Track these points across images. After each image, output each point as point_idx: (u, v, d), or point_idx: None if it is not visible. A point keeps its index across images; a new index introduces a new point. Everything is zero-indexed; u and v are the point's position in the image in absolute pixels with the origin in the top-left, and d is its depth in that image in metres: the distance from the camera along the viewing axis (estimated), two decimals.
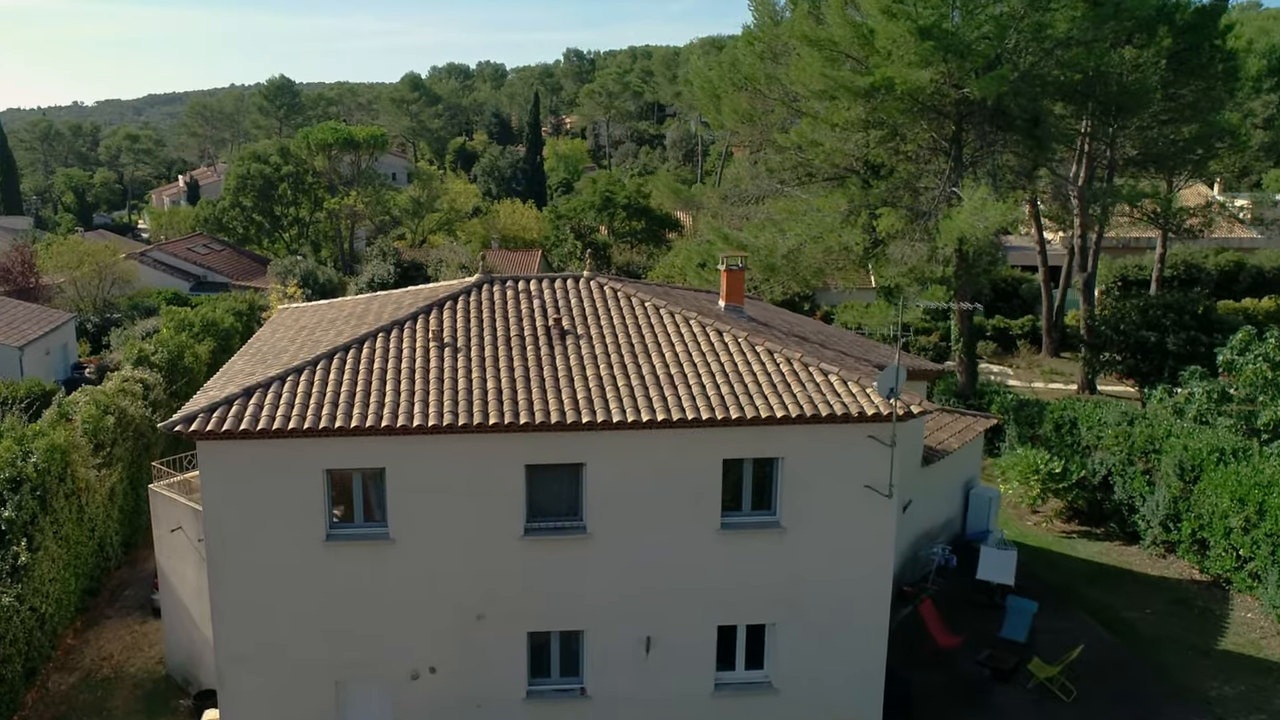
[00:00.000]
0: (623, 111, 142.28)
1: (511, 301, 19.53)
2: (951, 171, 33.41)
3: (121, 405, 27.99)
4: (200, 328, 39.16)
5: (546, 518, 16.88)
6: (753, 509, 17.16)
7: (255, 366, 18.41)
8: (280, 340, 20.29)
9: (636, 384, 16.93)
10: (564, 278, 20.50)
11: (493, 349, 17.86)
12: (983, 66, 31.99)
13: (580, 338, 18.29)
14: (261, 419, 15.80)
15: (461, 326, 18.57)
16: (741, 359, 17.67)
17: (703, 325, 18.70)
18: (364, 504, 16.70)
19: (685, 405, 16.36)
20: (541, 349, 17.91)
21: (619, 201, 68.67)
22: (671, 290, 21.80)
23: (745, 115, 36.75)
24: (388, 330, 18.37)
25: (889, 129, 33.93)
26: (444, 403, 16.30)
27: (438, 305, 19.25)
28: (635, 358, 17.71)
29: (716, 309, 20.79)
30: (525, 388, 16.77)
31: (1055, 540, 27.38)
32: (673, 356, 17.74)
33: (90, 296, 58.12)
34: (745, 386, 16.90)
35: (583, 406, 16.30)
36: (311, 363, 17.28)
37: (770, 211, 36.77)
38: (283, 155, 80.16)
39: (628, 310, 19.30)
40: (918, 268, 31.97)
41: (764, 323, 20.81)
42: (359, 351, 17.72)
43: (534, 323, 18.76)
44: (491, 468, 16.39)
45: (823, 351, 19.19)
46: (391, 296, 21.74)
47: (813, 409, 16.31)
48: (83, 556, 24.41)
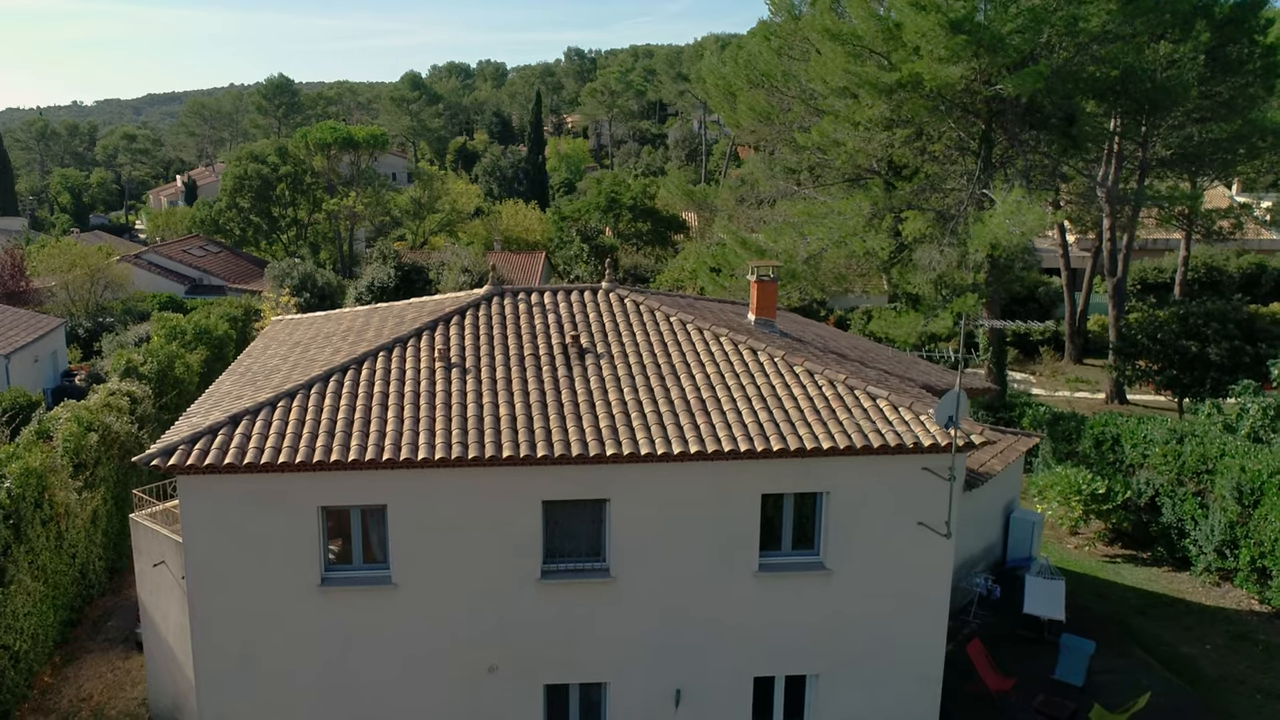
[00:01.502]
0: (625, 110, 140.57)
1: (524, 316, 17.88)
2: (981, 172, 31.77)
3: (106, 422, 26.34)
4: (192, 336, 37.51)
5: (566, 559, 15.24)
6: (794, 548, 15.52)
7: (244, 388, 16.77)
8: (272, 358, 18.65)
9: (665, 410, 15.28)
10: (580, 289, 18.85)
11: (505, 370, 16.21)
12: (1015, 62, 30.36)
13: (601, 357, 16.64)
14: (249, 451, 14.15)
15: (470, 344, 16.92)
16: (780, 382, 16.02)
17: (735, 343, 17.05)
18: (363, 544, 15.06)
19: (721, 435, 14.72)
20: (559, 370, 16.26)
21: (624, 202, 67.01)
22: (696, 303, 20.17)
23: (762, 113, 35.09)
24: (389, 349, 16.73)
25: (914, 128, 32.32)
26: (452, 432, 14.65)
27: (443, 320, 17.60)
28: (663, 380, 16.06)
29: (746, 323, 19.15)
30: (542, 414, 15.12)
31: (1099, 565, 25.73)
32: (704, 379, 16.09)
33: (82, 300, 56.52)
34: (786, 413, 15.25)
35: (606, 437, 14.66)
36: (305, 386, 15.64)
37: (787, 214, 35.12)
38: (281, 155, 78.50)
39: (651, 326, 17.66)
40: (947, 274, 30.30)
41: (797, 338, 19.17)
42: (357, 373, 16.08)
43: (549, 340, 17.12)
44: (505, 504, 14.75)
45: (865, 371, 17.55)
46: (393, 309, 20.10)
47: (863, 439, 14.67)
48: (62, 586, 22.77)
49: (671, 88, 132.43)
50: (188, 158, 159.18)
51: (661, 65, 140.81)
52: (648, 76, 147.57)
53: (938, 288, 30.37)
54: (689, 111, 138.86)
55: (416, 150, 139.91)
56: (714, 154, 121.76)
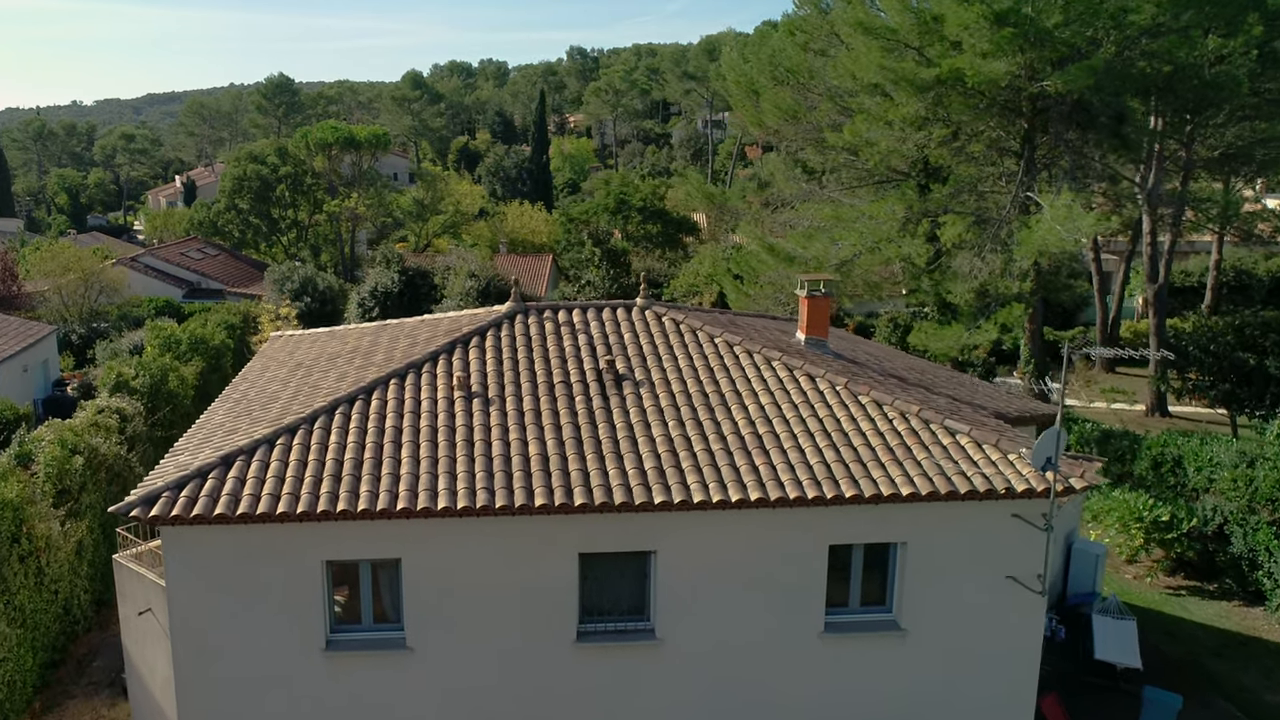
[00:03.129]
0: (630, 110, 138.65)
1: (551, 337, 16.02)
2: (1024, 174, 29.91)
3: (92, 444, 24.46)
4: (188, 346, 35.64)
5: (605, 619, 13.38)
6: (863, 605, 13.66)
7: (238, 420, 14.91)
8: (270, 382, 16.80)
9: (718, 448, 13.42)
10: (612, 307, 16.99)
11: (533, 401, 14.34)
12: (1060, 58, 28.51)
13: (640, 385, 14.78)
14: (243, 499, 12.29)
15: (492, 370, 15.06)
16: (845, 415, 14.15)
17: (789, 368, 15.19)
18: (374, 603, 13.20)
19: (784, 479, 12.85)
20: (593, 400, 14.40)
21: (634, 204, 65.08)
22: (737, 319, 18.30)
23: (788, 111, 33.22)
24: (401, 375, 14.87)
25: (951, 127, 30.45)
26: (475, 475, 12.79)
27: (461, 342, 15.74)
28: (712, 412, 14.20)
29: (795, 343, 17.29)
30: (577, 453, 13.26)
31: (1162, 599, 23.86)
32: (758, 411, 14.23)
33: (76, 305, 54.66)
34: (856, 452, 13.39)
35: (652, 480, 12.80)
36: (307, 420, 13.77)
37: (815, 218, 33.25)
38: (281, 155, 76.58)
39: (694, 348, 15.80)
40: (989, 283, 28.44)
41: (851, 359, 17.31)
42: (366, 404, 14.21)
43: (581, 365, 15.26)
44: (536, 557, 12.90)
45: (932, 399, 15.69)
46: (404, 327, 18.23)
47: (947, 484, 12.80)
48: (43, 626, 20.90)
49: (677, 86, 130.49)
50: (187, 158, 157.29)
51: (667, 64, 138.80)
52: (651, 75, 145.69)
53: (980, 297, 28.51)
54: (693, 111, 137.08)
55: (418, 150, 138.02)
56: (719, 154, 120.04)
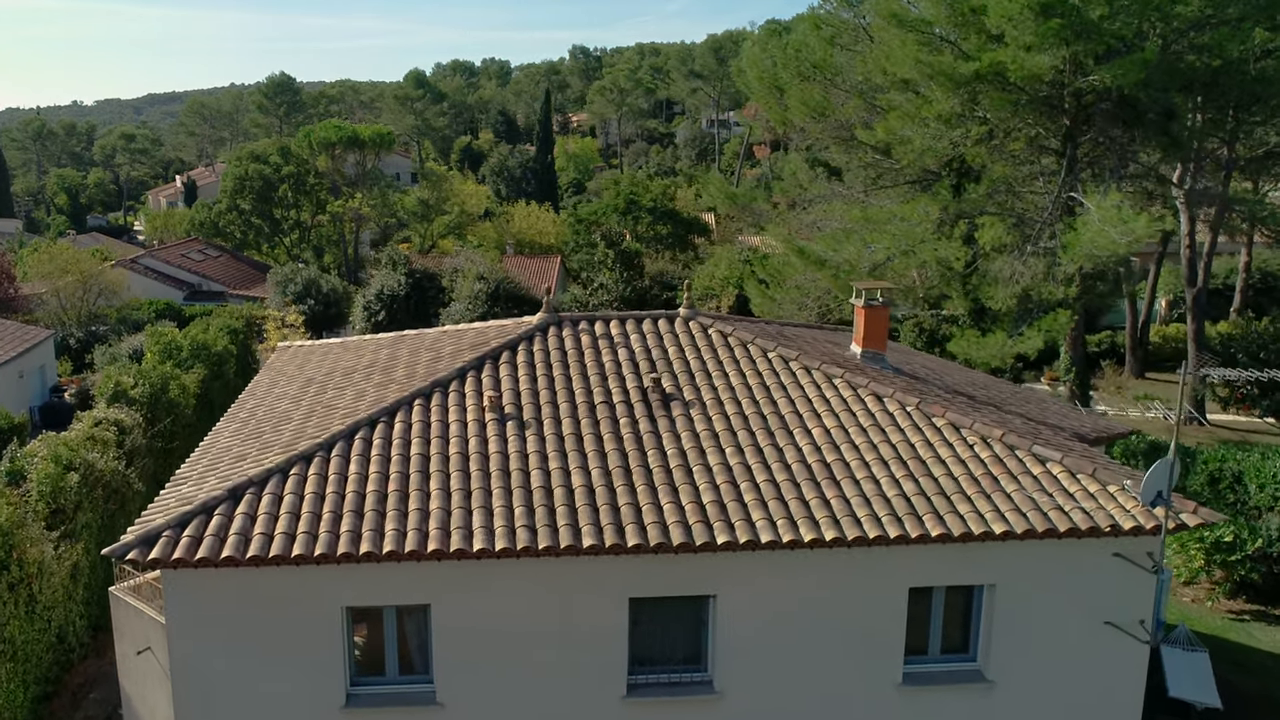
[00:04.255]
0: (635, 109, 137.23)
1: (589, 351, 14.62)
2: (1066, 174, 28.50)
3: (88, 459, 23.06)
4: (189, 353, 34.21)
5: (658, 669, 11.97)
6: (944, 653, 12.26)
7: (246, 444, 13.51)
8: (280, 400, 15.40)
9: (783, 479, 12.02)
10: (653, 318, 15.59)
11: (573, 424, 12.94)
12: (1106, 51, 27.12)
13: (690, 405, 13.38)
14: (254, 538, 10.90)
15: (527, 389, 13.66)
16: (920, 440, 12.75)
17: (853, 387, 13.79)
18: (399, 652, 11.80)
19: (860, 514, 11.45)
20: (639, 423, 13.00)
21: (644, 204, 63.74)
22: (784, 330, 16.90)
23: (816, 108, 31.81)
24: (426, 395, 13.47)
25: (989, 125, 29.06)
26: (514, 510, 11.39)
27: (490, 357, 14.34)
28: (772, 437, 12.80)
29: (850, 356, 15.90)
30: (626, 484, 11.86)
31: (1226, 625, 22.45)
32: (823, 436, 12.83)
33: (74, 308, 53.28)
34: (937, 483, 11.99)
35: (713, 516, 11.40)
36: (324, 446, 12.37)
37: (844, 219, 31.84)
38: (283, 155, 75.20)
39: (746, 363, 14.40)
40: (1032, 288, 27.04)
41: (911, 374, 15.92)
42: (389, 428, 12.81)
43: (623, 383, 13.86)
44: (582, 602, 11.51)
45: (1006, 419, 14.29)
46: (424, 339, 16.83)
47: (1043, 521, 11.40)
48: (35, 657, 19.49)
49: (684, 85, 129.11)
50: (187, 158, 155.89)
51: (673, 63, 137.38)
52: (655, 74, 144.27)
53: (1021, 302, 27.11)
54: (698, 110, 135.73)
55: (421, 150, 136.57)
56: (725, 153, 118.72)
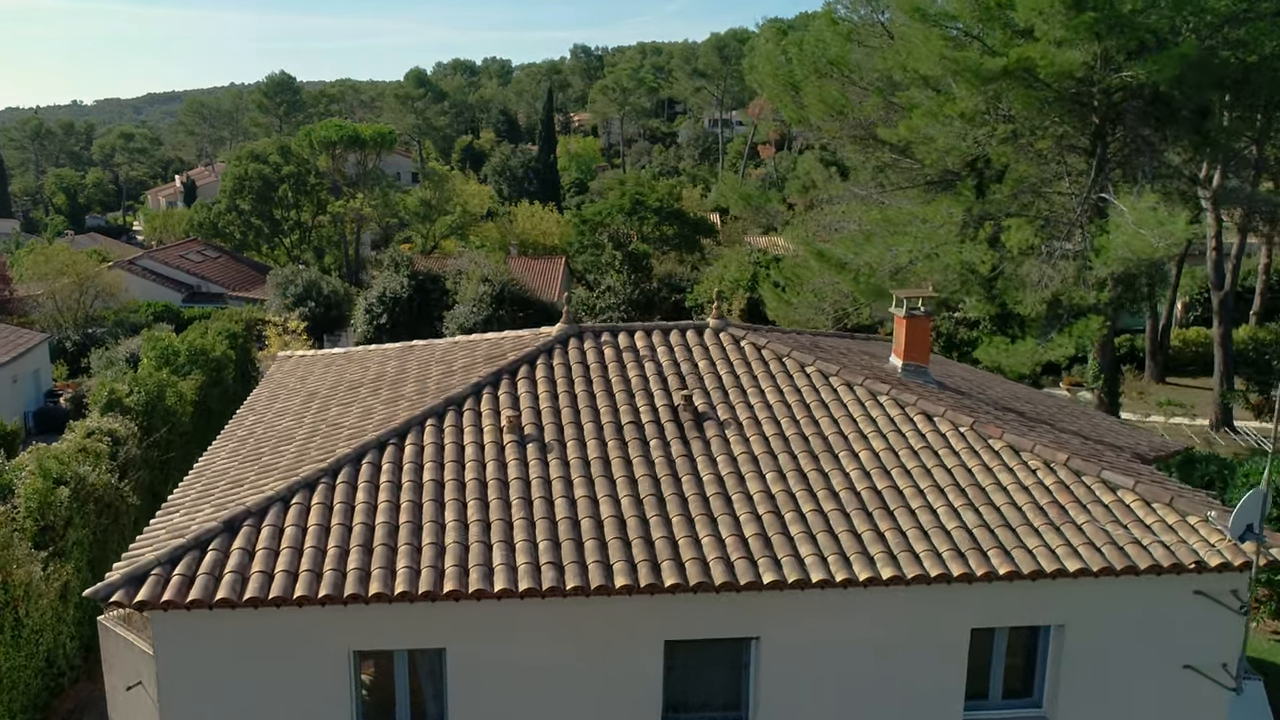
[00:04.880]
0: (637, 108, 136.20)
1: (613, 365, 13.57)
2: (1096, 174, 27.46)
3: (80, 472, 22.01)
4: (186, 358, 33.14)
5: (694, 715, 10.94)
6: (1006, 698, 11.22)
7: (244, 468, 12.48)
8: (281, 416, 14.37)
9: (831, 509, 10.99)
10: (681, 329, 14.54)
11: (599, 447, 11.90)
12: (1139, 47, 26.10)
13: (726, 426, 12.34)
14: (252, 577, 9.88)
15: (548, 408, 12.62)
16: (978, 464, 11.71)
17: (900, 405, 12.75)
18: (411, 700, 10.76)
19: (918, 549, 10.42)
20: (672, 445, 11.96)
21: (650, 205, 62.74)
22: (819, 341, 15.86)
23: (834, 106, 30.74)
24: (439, 414, 12.43)
25: (1016, 123, 28.02)
26: (537, 545, 10.36)
27: (507, 372, 13.30)
28: (817, 461, 11.76)
29: (890, 368, 14.87)
30: (659, 514, 10.83)
31: (1271, 647, 21.44)
32: (872, 460, 11.79)
33: (70, 311, 52.23)
34: (1000, 513, 10.96)
35: (756, 550, 10.37)
36: (329, 472, 11.33)
37: (863, 221, 30.80)
38: (283, 154, 74.14)
39: (783, 378, 13.36)
40: (1062, 292, 26.00)
41: (955, 388, 14.88)
42: (399, 451, 11.77)
43: (652, 401, 12.82)
44: (613, 645, 10.47)
45: (1062, 438, 13.26)
46: (435, 350, 15.78)
47: (1121, 557, 10.36)
48: (22, 684, 18.51)
49: (687, 84, 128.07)
50: (187, 157, 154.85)
51: (677, 62, 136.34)
52: (657, 73, 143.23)
53: (1051, 308, 26.09)
54: (701, 109, 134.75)
55: (422, 149, 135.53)
56: (728, 153, 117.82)
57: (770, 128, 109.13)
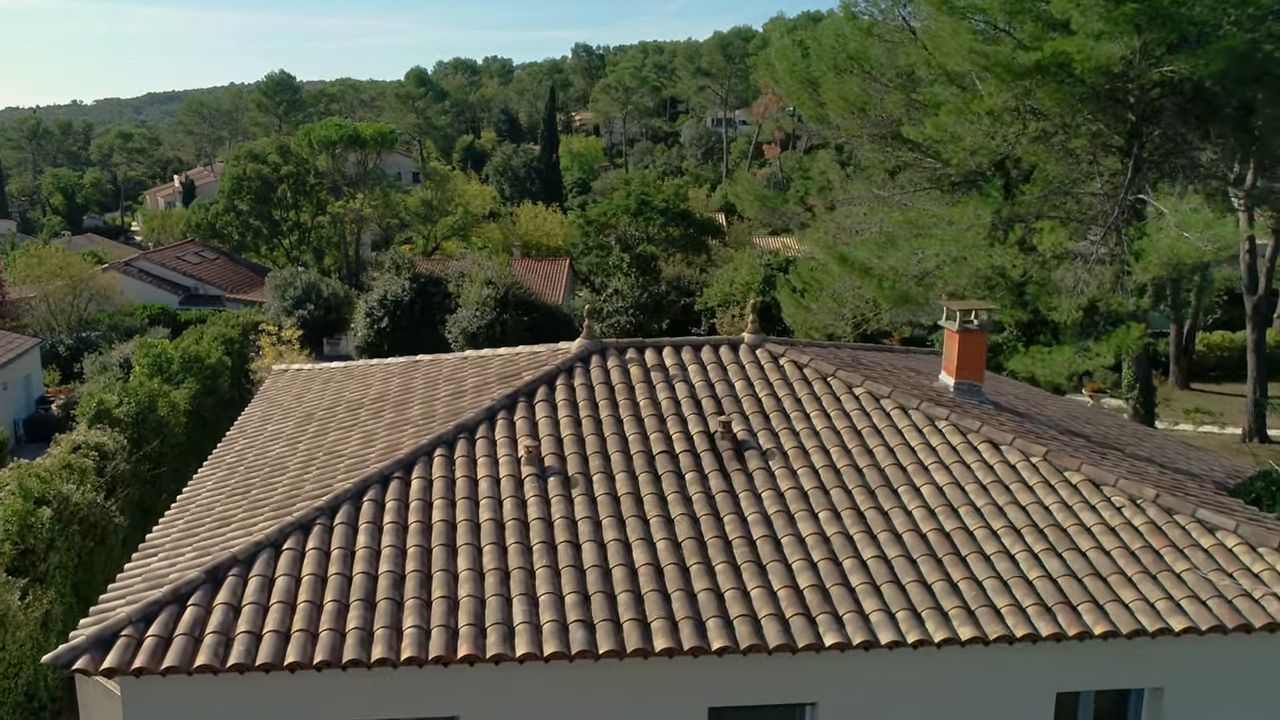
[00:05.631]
0: (640, 107, 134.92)
1: (641, 387, 12.27)
2: (1133, 174, 26.17)
3: (63, 491, 20.70)
4: (180, 366, 31.82)
5: None
6: None
7: (232, 502, 11.19)
8: (274, 441, 13.07)
9: (895, 555, 9.69)
10: (714, 345, 13.23)
11: (629, 481, 10.61)
12: (1180, 40, 24.82)
13: (769, 456, 11.05)
14: (237, 639, 8.58)
15: (570, 435, 11.31)
16: (1056, 501, 10.42)
17: (962, 432, 11.45)
18: None
19: (999, 603, 9.13)
20: (710, 480, 10.66)
21: (656, 205, 61.40)
22: (860, 356, 14.55)
23: (856, 103, 29.45)
24: (448, 443, 11.13)
25: (1047, 121, 26.73)
26: (564, 600, 9.08)
27: (524, 394, 12.00)
28: (873, 497, 10.47)
29: (941, 387, 13.57)
30: (700, 560, 9.54)
31: None
32: (937, 497, 10.49)
33: (64, 314, 50.94)
34: (1087, 561, 9.67)
35: (812, 603, 9.08)
36: (326, 510, 10.04)
37: (885, 223, 29.51)
38: (282, 154, 72.82)
39: (829, 401, 12.06)
40: (1099, 298, 24.71)
41: (1011, 408, 13.59)
42: (404, 486, 10.48)
43: (685, 428, 11.51)
44: (651, 714, 9.18)
45: (1141, 468, 11.96)
46: (441, 366, 14.47)
47: (1232, 614, 9.07)
48: None
49: (691, 83, 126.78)
50: (186, 157, 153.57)
51: (680, 60, 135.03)
52: (660, 72, 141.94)
53: (1088, 314, 24.81)
54: (703, 108, 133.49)
55: (423, 149, 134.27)
56: (731, 152, 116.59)
57: (774, 127, 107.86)
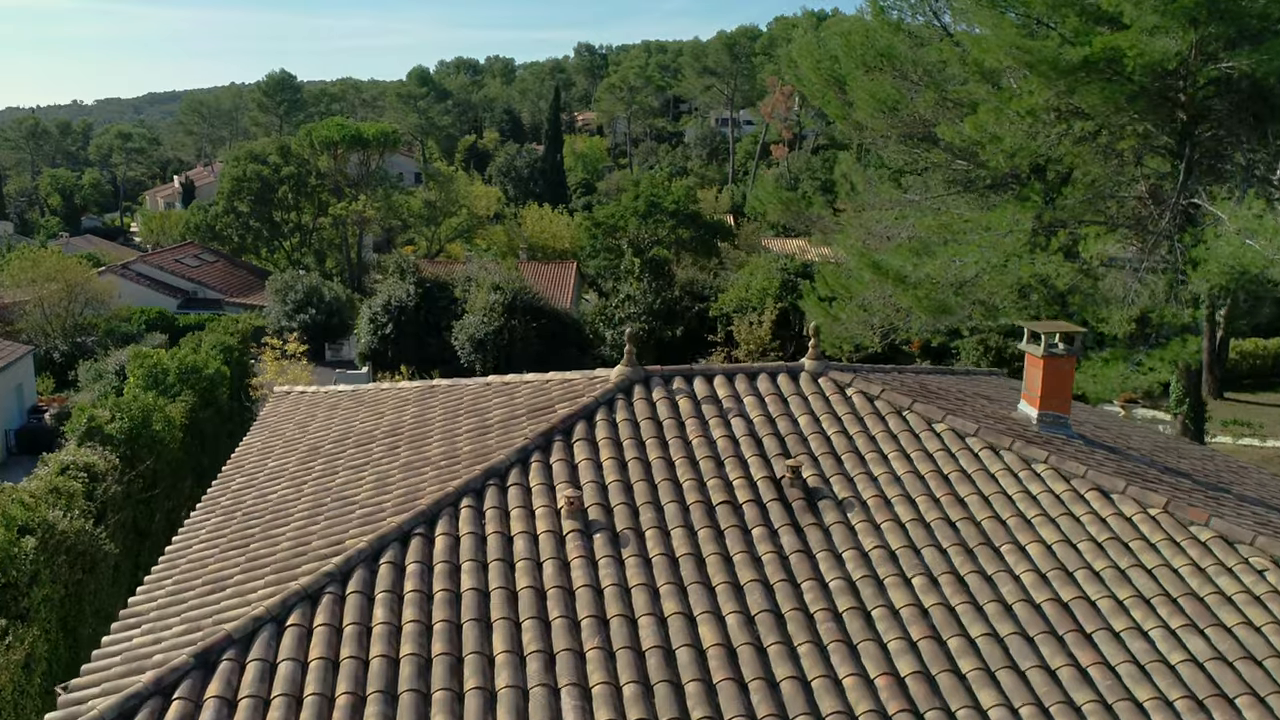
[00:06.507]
0: (645, 107, 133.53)
1: (692, 423, 10.76)
2: (1186, 177, 24.71)
3: (49, 519, 19.22)
4: (176, 377, 30.32)
5: None
6: None
7: (227, 559, 9.71)
8: (276, 481, 11.59)
9: (1008, 632, 8.19)
10: (771, 373, 11.72)
11: (688, 541, 9.12)
12: (1238, 35, 23.38)
13: (847, 507, 9.58)
14: None
15: (616, 482, 9.82)
16: (1186, 564, 8.88)
17: (1065, 478, 9.96)
18: None
19: (1137, 693, 7.64)
20: (782, 537, 9.18)
21: (666, 207, 60.00)
22: (928, 383, 13.06)
23: (887, 102, 27.96)
24: (477, 492, 9.65)
25: (1093, 120, 25.28)
26: (620, 692, 7.59)
27: (561, 433, 10.51)
28: (975, 561, 8.97)
29: (1021, 418, 12.08)
30: (779, 640, 8.05)
31: None
32: (1048, 559, 9.00)
33: (58, 319, 49.49)
34: (1237, 641, 8.13)
35: (917, 694, 7.60)
36: (337, 577, 8.56)
37: (917, 228, 28.03)
38: (283, 155, 71.39)
39: (907, 439, 10.57)
40: (1152, 309, 23.26)
41: (1099, 441, 12.10)
42: (427, 545, 8.99)
43: (746, 471, 10.04)
44: None
45: (1268, 516, 10.48)
46: (463, 395, 12.96)
47: None
48: None
49: (696, 82, 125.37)
50: (186, 157, 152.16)
51: (686, 59, 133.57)
52: (664, 71, 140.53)
53: (1140, 326, 23.36)
54: (709, 108, 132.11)
55: (425, 149, 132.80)
56: (737, 152, 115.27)
57: (782, 126, 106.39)
